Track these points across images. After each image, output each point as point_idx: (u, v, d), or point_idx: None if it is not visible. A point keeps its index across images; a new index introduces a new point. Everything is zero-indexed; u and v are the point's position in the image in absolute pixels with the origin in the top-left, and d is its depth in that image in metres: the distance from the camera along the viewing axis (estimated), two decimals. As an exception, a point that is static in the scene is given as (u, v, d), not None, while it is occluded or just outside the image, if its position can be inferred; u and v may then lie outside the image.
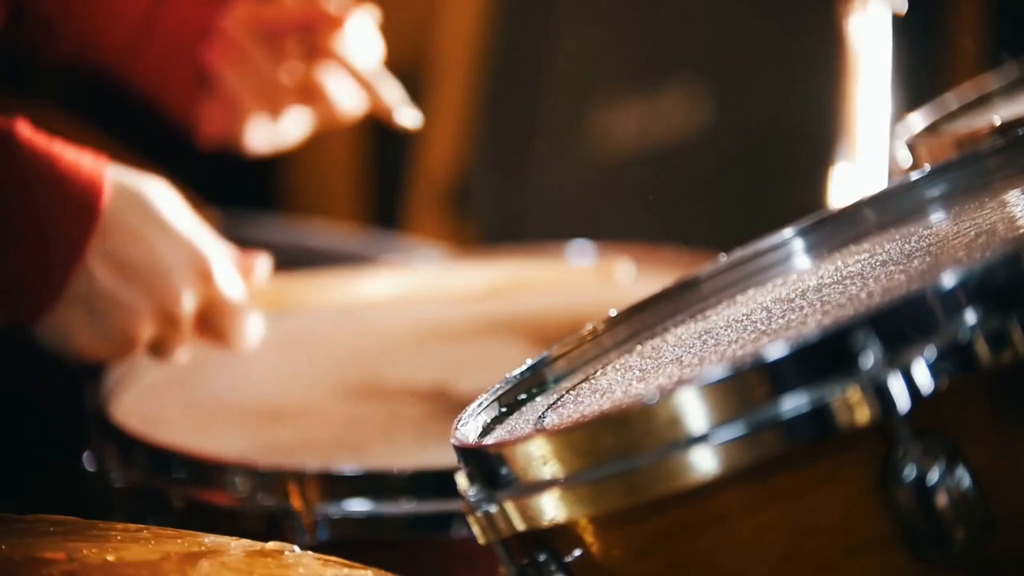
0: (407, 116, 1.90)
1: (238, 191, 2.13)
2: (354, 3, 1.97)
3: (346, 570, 1.20)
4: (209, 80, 1.98)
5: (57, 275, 1.57)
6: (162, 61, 2.01)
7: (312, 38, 1.96)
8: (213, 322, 1.66)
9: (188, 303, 1.62)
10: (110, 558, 1.16)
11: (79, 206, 1.57)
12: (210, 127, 1.98)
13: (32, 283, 1.58)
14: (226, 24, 1.99)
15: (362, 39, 1.97)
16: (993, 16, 3.03)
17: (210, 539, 1.23)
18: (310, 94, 1.97)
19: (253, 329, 1.70)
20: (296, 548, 1.23)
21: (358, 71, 1.93)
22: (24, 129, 1.59)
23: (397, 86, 1.94)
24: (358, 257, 2.21)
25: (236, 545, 1.23)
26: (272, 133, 2.01)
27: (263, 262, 1.71)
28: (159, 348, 1.66)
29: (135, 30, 2.03)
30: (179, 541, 1.23)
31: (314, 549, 1.27)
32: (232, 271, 1.67)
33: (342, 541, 1.52)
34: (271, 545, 1.23)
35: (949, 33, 3.03)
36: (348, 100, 1.99)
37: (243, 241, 2.16)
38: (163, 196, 1.63)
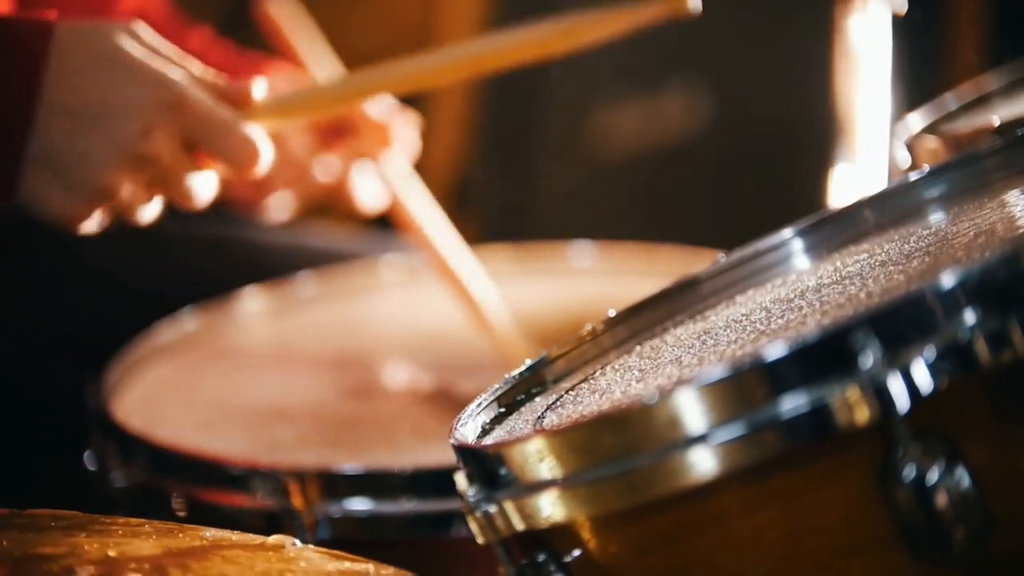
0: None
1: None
2: (399, 111, 1.96)
3: (347, 563, 1.21)
4: None
5: (13, 142, 1.49)
6: None
7: (354, 140, 1.94)
8: (207, 147, 1.53)
9: (157, 138, 1.50)
10: (111, 553, 1.17)
11: (25, 62, 1.49)
12: (234, 193, 1.95)
13: None
14: None
15: (402, 148, 1.95)
16: (993, 16, 3.03)
17: (211, 533, 1.24)
18: (339, 190, 1.96)
19: (259, 142, 1.55)
20: (297, 542, 1.23)
21: (393, 184, 1.92)
22: None
23: (426, 197, 1.92)
24: (359, 256, 2.21)
25: (238, 539, 1.23)
26: (290, 210, 2.01)
27: (258, 83, 1.58)
28: (150, 191, 1.55)
29: None
30: (180, 536, 1.23)
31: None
32: (207, 94, 1.53)
33: (342, 540, 1.52)
34: (272, 539, 1.23)
35: (949, 33, 3.03)
36: (373, 202, 1.98)
37: (245, 241, 2.17)
38: (121, 33, 1.52)
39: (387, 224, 2.38)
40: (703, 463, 1.06)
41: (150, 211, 1.58)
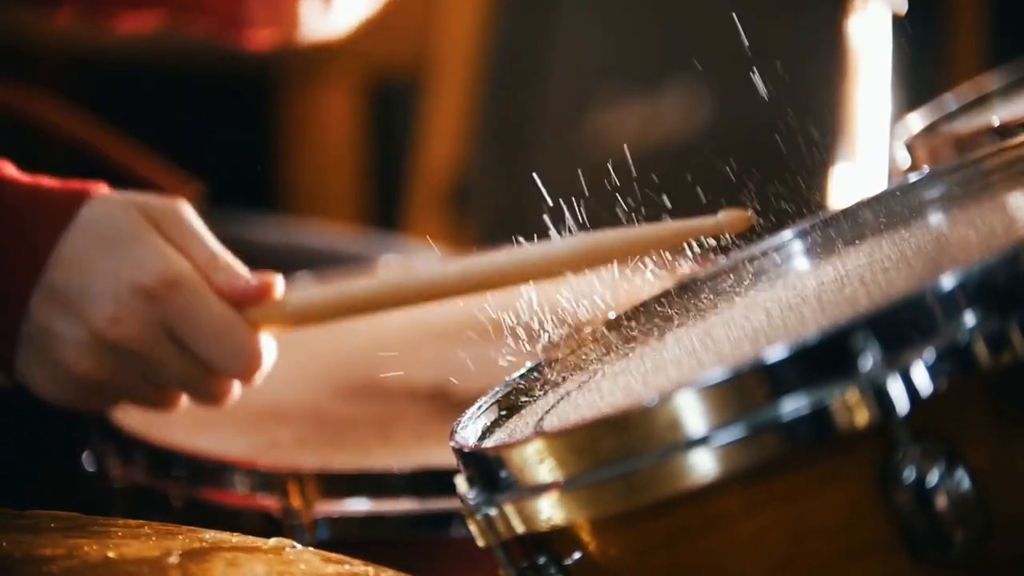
0: None
1: (238, 191, 2.13)
2: None
3: (346, 566, 1.20)
4: None
5: (8, 321, 1.44)
6: None
7: None
8: (192, 347, 1.44)
9: (128, 326, 1.42)
10: (111, 554, 1.16)
11: (33, 244, 1.44)
12: (259, 22, 1.84)
13: None
14: None
15: None
16: (993, 16, 3.03)
17: (211, 535, 1.23)
18: None
19: (256, 352, 1.47)
20: (297, 545, 1.23)
21: None
22: (7, 168, 1.48)
23: None
24: (358, 257, 2.22)
25: (237, 541, 1.23)
26: (327, 13, 1.85)
27: (276, 284, 1.49)
28: (148, 381, 1.48)
29: None
30: (180, 537, 1.23)
31: (314, 548, 1.27)
32: (200, 286, 1.44)
33: (342, 540, 1.52)
34: (272, 541, 1.23)
35: (949, 33, 3.03)
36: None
37: (243, 241, 2.17)
38: (129, 210, 1.44)
39: (387, 224, 2.38)
40: (703, 465, 1.06)
41: (165, 402, 1.51)
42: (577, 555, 1.12)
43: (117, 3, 1.92)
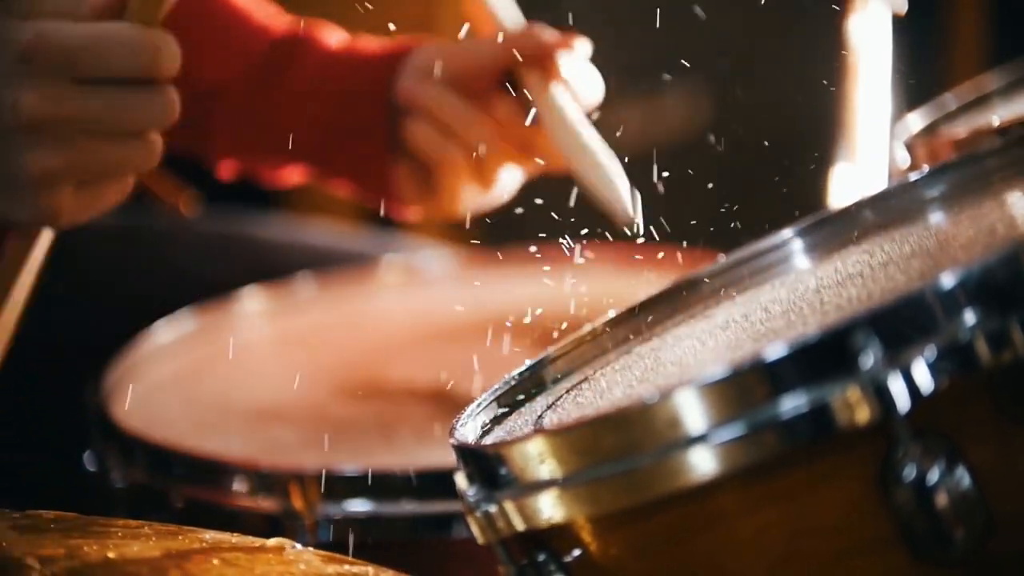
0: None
1: (238, 190, 2.13)
2: (568, 36, 1.75)
3: (347, 566, 1.20)
4: (401, 143, 1.79)
5: None
6: (340, 125, 1.83)
7: (524, 77, 1.72)
8: (93, 72, 1.36)
9: (30, 100, 1.34)
10: (111, 555, 1.16)
11: None
12: (415, 197, 1.81)
13: None
14: (409, 73, 1.78)
15: (582, 74, 1.74)
16: (993, 16, 3.03)
17: (211, 535, 1.23)
18: (527, 143, 1.74)
19: (146, 39, 1.37)
20: (297, 545, 1.23)
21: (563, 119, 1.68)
22: None
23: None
24: (360, 255, 2.21)
25: (237, 541, 1.23)
26: (488, 193, 1.81)
27: None
28: (93, 145, 1.39)
29: (309, 94, 1.85)
30: (180, 538, 1.23)
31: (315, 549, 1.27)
32: (62, 23, 1.36)
33: (343, 542, 1.52)
34: (272, 542, 1.23)
35: (949, 33, 3.03)
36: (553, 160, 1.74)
37: (245, 238, 2.17)
38: None
39: (387, 224, 2.38)
40: (703, 463, 1.06)
41: (130, 158, 1.40)
42: (577, 552, 1.12)
43: (274, 161, 1.91)
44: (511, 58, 1.72)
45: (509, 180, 1.80)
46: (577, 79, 1.73)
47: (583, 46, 1.75)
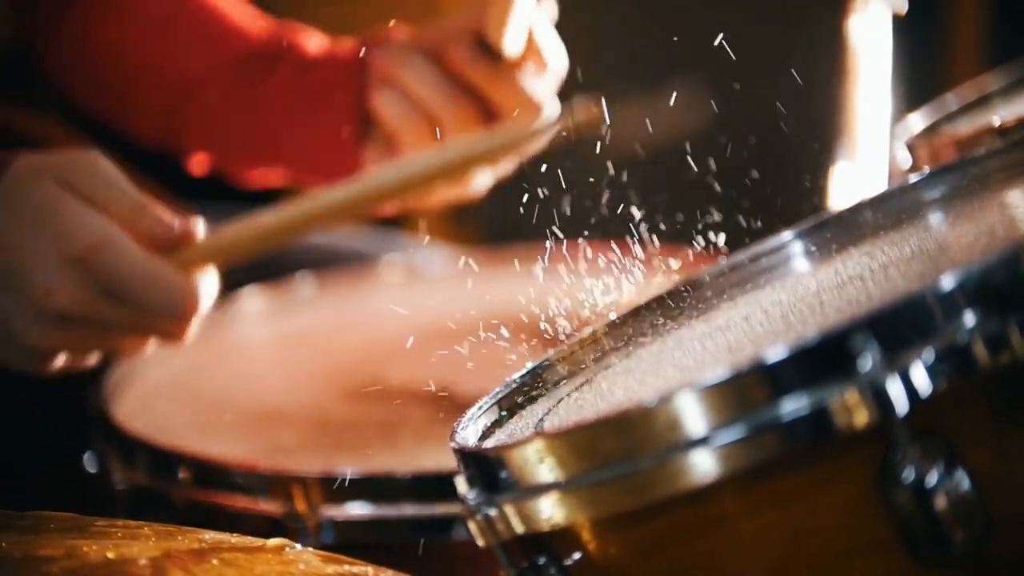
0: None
1: (238, 189, 2.13)
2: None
3: (346, 566, 1.20)
4: (371, 121, 1.83)
5: None
6: (315, 118, 1.88)
7: (484, 40, 1.74)
8: (128, 300, 1.46)
9: (63, 295, 1.43)
10: (111, 555, 1.16)
11: None
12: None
13: None
14: (382, 57, 1.81)
15: (546, 36, 1.75)
16: (993, 16, 3.03)
17: (211, 536, 1.23)
18: (494, 109, 1.76)
19: (191, 292, 1.48)
20: (297, 545, 1.23)
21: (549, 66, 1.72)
22: None
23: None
24: (360, 255, 2.22)
25: (237, 541, 1.23)
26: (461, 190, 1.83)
27: (196, 223, 1.51)
28: (93, 345, 1.52)
29: (289, 97, 1.91)
30: (180, 538, 1.23)
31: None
32: (123, 241, 1.45)
33: (346, 544, 1.52)
34: (272, 542, 1.23)
35: (949, 33, 3.03)
36: (544, 103, 1.77)
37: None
38: (40, 176, 1.45)
39: (387, 223, 2.38)
40: (703, 465, 1.06)
41: (126, 351, 1.55)
42: (577, 555, 1.12)
43: (247, 161, 1.95)
44: (481, 20, 1.75)
45: (481, 177, 1.83)
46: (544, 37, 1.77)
47: (549, 5, 1.78)
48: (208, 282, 1.51)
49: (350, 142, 1.86)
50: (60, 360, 1.52)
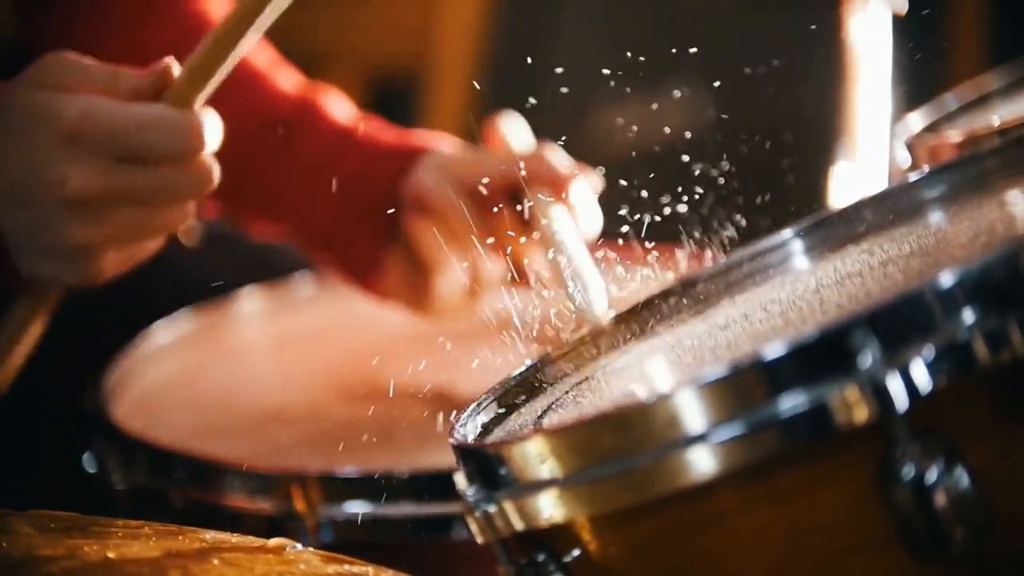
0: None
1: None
2: (580, 168, 1.81)
3: (347, 566, 1.20)
4: (400, 236, 1.84)
5: None
6: (343, 206, 1.87)
7: (531, 196, 1.77)
8: (138, 154, 1.43)
9: (75, 178, 1.42)
10: (111, 555, 1.16)
11: None
12: (397, 290, 1.86)
13: None
14: (423, 172, 1.82)
15: (585, 213, 1.78)
16: (993, 16, 3.03)
17: (211, 535, 1.24)
18: (520, 271, 1.80)
19: (189, 120, 1.44)
20: (297, 545, 1.23)
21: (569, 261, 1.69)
22: None
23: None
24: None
25: (237, 541, 1.23)
26: (469, 308, 1.87)
27: (168, 63, 1.46)
28: (134, 221, 1.47)
29: (315, 171, 1.89)
30: (180, 538, 1.23)
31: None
32: (109, 103, 1.43)
33: (345, 543, 1.52)
34: (272, 542, 1.23)
35: (949, 33, 3.03)
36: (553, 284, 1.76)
37: (243, 240, 2.17)
38: (15, 87, 1.44)
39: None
40: (702, 462, 1.06)
41: (167, 223, 1.49)
42: (576, 552, 1.12)
43: (255, 216, 1.96)
44: (521, 175, 1.78)
45: (488, 297, 1.85)
46: (581, 208, 1.78)
47: (593, 179, 1.81)
48: (206, 115, 1.47)
49: (374, 245, 1.86)
50: (108, 258, 1.47)
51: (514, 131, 1.89)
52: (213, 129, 1.47)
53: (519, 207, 1.78)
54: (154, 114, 1.45)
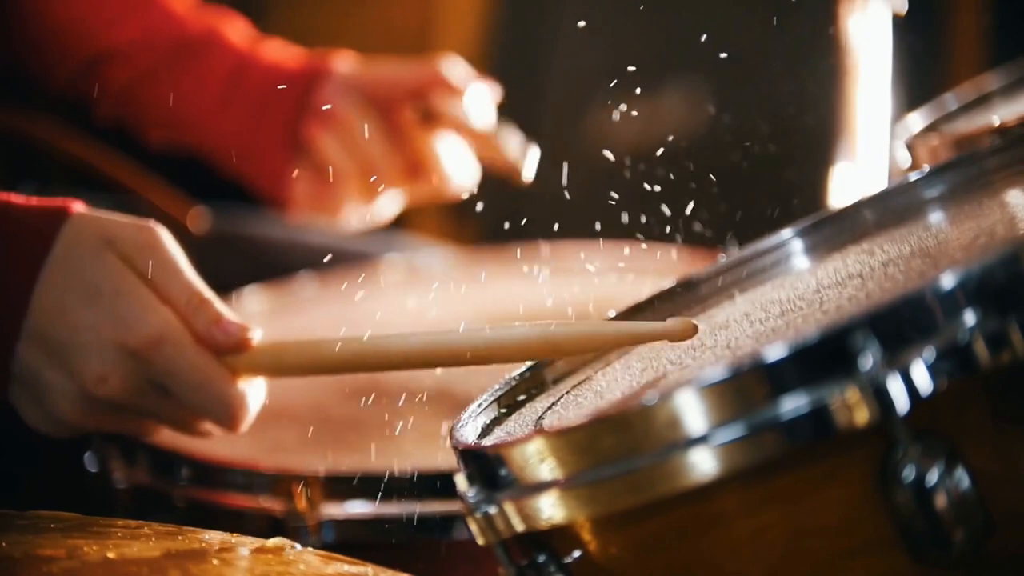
0: (529, 168, 1.83)
1: (239, 188, 2.13)
2: (472, 72, 1.96)
3: (346, 567, 1.20)
4: (305, 148, 1.95)
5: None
6: (250, 125, 1.98)
7: (426, 105, 1.92)
8: (178, 398, 1.44)
9: (114, 384, 1.41)
10: (111, 555, 1.16)
11: (11, 282, 1.42)
12: (304, 198, 1.95)
13: None
14: (327, 89, 1.95)
15: (480, 105, 1.93)
16: (993, 16, 3.03)
17: (211, 536, 1.24)
18: (421, 168, 1.94)
19: (241, 401, 1.46)
20: (297, 545, 1.23)
21: (480, 134, 1.90)
22: None
23: (519, 139, 1.92)
24: (361, 255, 2.22)
25: (237, 541, 1.23)
26: (369, 209, 1.98)
27: (254, 331, 1.47)
28: (128, 429, 1.50)
29: (220, 93, 2.00)
30: (180, 538, 1.23)
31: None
32: (183, 339, 1.43)
33: (346, 543, 1.52)
34: (272, 542, 1.23)
35: (949, 33, 3.03)
36: (462, 173, 1.96)
37: (248, 238, 2.17)
38: (108, 254, 1.43)
39: (387, 223, 2.38)
40: (703, 464, 1.06)
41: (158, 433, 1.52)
42: (577, 553, 1.12)
43: (159, 127, 2.02)
44: (423, 83, 1.94)
45: (391, 202, 1.99)
46: (479, 108, 1.95)
47: (489, 87, 1.97)
48: (256, 391, 1.48)
49: (282, 159, 1.96)
50: (85, 431, 1.49)
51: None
52: (256, 407, 1.47)
53: (421, 112, 1.94)
54: (215, 381, 1.44)
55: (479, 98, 1.94)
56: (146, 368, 1.42)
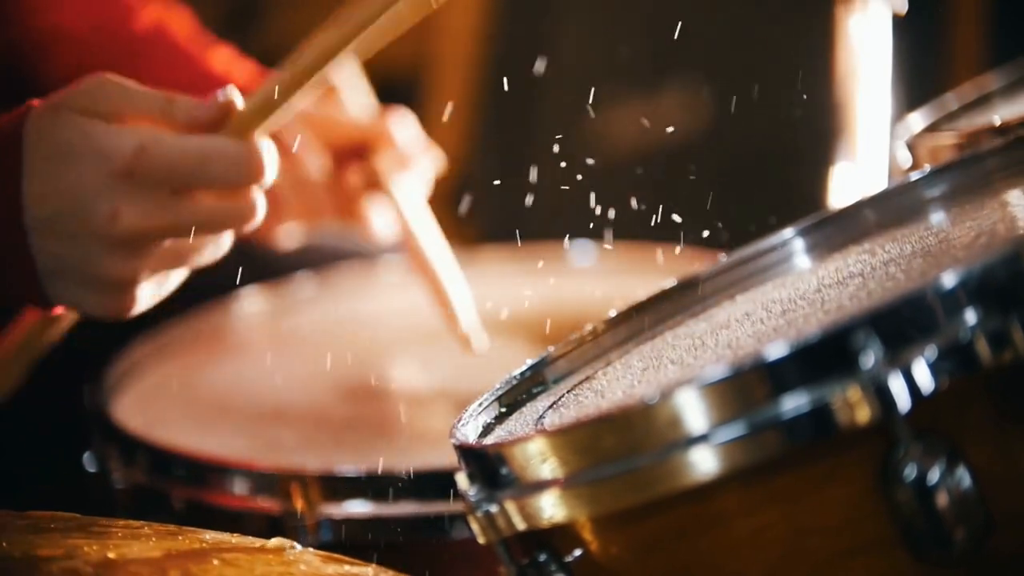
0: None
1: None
2: (424, 145, 1.98)
3: (347, 567, 1.20)
4: None
5: (23, 270, 1.42)
6: None
7: (369, 167, 1.95)
8: (195, 186, 1.42)
9: (127, 213, 1.39)
10: (111, 555, 1.16)
11: (3, 198, 1.41)
12: (287, 214, 1.97)
13: (11, 286, 1.44)
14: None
15: (418, 180, 1.96)
16: (993, 16, 3.03)
17: (211, 536, 1.24)
18: (352, 215, 1.97)
19: (252, 153, 1.43)
20: (297, 545, 1.23)
21: (403, 215, 1.91)
22: None
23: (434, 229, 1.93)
24: (360, 255, 2.21)
25: (237, 542, 1.23)
26: (300, 235, 2.01)
27: (231, 92, 1.44)
28: (177, 256, 1.46)
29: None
30: (180, 538, 1.23)
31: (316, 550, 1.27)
32: (164, 136, 1.41)
33: (345, 542, 1.52)
34: (272, 542, 1.23)
35: (949, 33, 3.03)
36: (386, 230, 1.98)
37: (243, 239, 2.17)
38: (62, 113, 1.41)
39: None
40: (704, 463, 1.06)
41: (205, 255, 1.49)
42: (578, 552, 1.12)
43: None
44: (370, 137, 1.96)
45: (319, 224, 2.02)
46: (418, 178, 1.97)
47: (436, 159, 1.99)
48: (266, 146, 1.45)
49: None
50: (142, 292, 1.45)
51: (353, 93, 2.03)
52: (272, 160, 1.45)
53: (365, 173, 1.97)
54: (217, 146, 1.43)
55: (419, 173, 1.98)
56: (148, 180, 1.40)
